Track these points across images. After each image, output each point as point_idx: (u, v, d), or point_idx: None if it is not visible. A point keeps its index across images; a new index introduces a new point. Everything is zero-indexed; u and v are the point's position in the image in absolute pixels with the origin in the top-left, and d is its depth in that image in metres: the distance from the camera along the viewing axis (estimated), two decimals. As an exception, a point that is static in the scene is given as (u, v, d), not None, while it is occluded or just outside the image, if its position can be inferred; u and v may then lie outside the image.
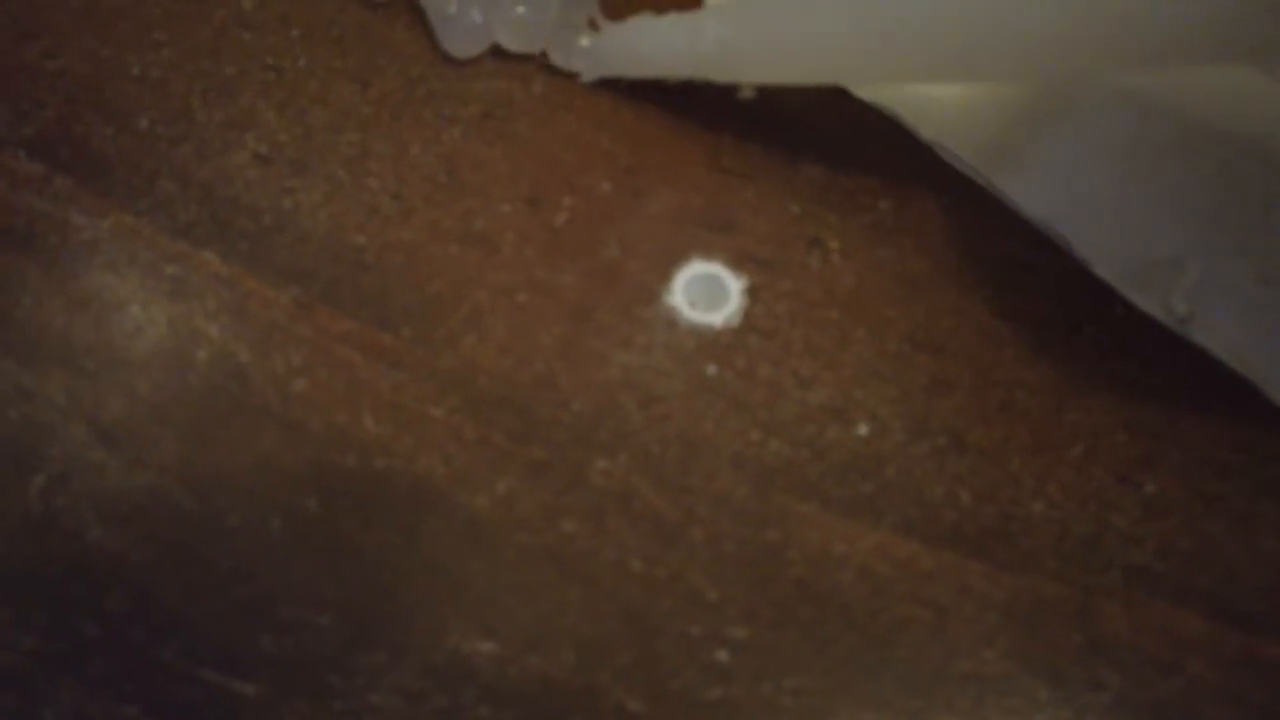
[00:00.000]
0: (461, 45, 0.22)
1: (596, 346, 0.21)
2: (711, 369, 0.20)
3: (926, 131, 0.21)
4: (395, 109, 0.22)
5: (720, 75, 0.22)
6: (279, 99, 0.23)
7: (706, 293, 0.21)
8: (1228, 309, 0.21)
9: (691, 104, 0.22)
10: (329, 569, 0.19)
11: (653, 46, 0.22)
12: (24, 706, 0.17)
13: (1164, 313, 0.21)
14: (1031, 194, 0.21)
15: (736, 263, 0.21)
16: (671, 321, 0.21)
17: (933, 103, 0.22)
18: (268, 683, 0.18)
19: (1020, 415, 0.20)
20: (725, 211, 0.22)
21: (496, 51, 0.23)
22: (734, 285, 0.21)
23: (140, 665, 0.18)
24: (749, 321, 0.21)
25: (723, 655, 0.18)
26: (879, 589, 0.19)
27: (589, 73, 0.23)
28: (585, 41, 0.23)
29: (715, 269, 0.21)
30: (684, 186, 0.22)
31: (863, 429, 0.20)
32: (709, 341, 0.21)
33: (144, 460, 0.20)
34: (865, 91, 0.22)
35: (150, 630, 0.18)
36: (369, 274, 0.21)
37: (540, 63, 0.23)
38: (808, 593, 0.19)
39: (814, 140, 0.22)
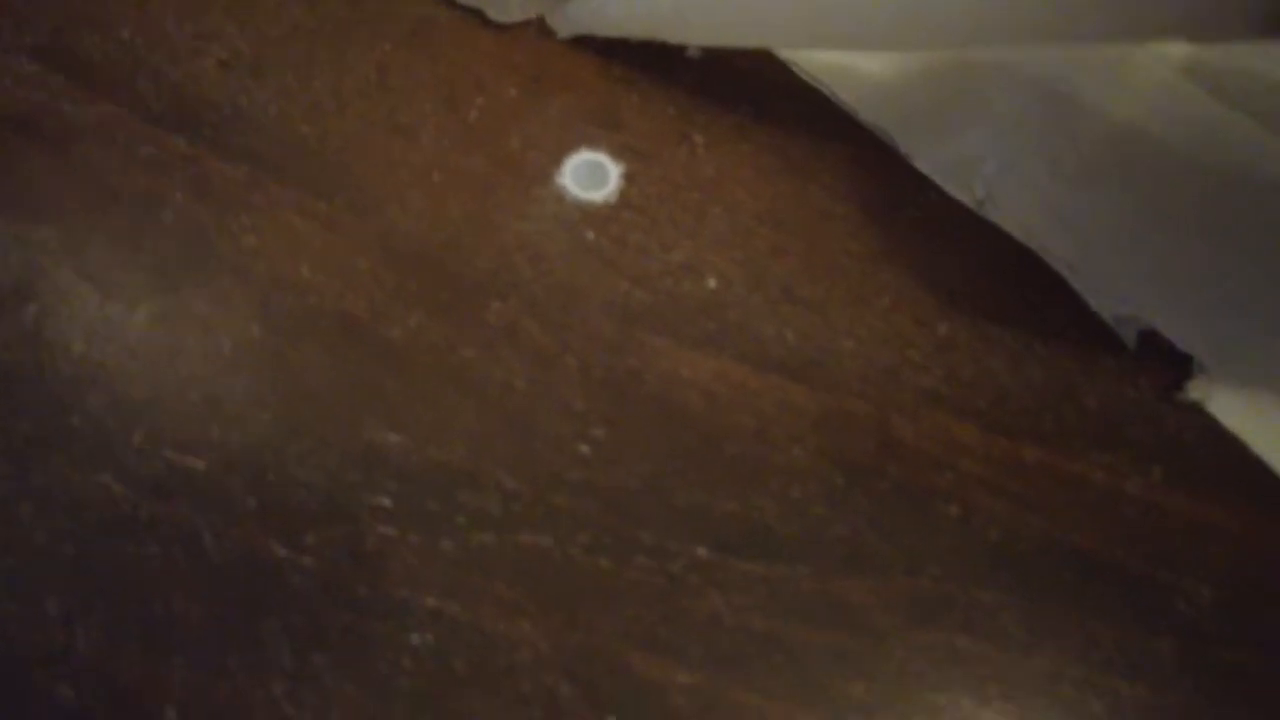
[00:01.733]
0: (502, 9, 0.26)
1: (497, 217, 0.25)
2: (590, 235, 0.25)
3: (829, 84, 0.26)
4: (337, 25, 0.27)
5: (672, 36, 0.26)
6: (240, 16, 0.27)
7: (591, 176, 0.26)
8: (1021, 196, 0.26)
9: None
10: (268, 380, 0.23)
11: (617, 10, 0.26)
12: (18, 475, 0.22)
13: (967, 196, 0.26)
14: (871, 106, 0.26)
15: (618, 153, 0.26)
16: (560, 199, 0.26)
17: (846, 71, 0.26)
18: (215, 461, 0.22)
19: (842, 275, 0.25)
20: (612, 112, 0.27)
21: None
22: (614, 171, 0.26)
23: (114, 447, 0.22)
24: (624, 200, 0.26)
25: (585, 449, 0.23)
26: (715, 403, 0.23)
27: (563, 30, 0.27)
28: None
29: (600, 157, 0.26)
30: (579, 92, 0.27)
31: (712, 283, 0.25)
32: (590, 214, 0.25)
33: (116, 296, 0.24)
34: (791, 57, 0.26)
35: (122, 421, 0.23)
36: (311, 156, 0.26)
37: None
38: (657, 405, 0.23)
39: (692, 58, 0.27)
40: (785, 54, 0.27)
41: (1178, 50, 0.26)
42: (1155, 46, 0.25)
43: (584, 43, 0.27)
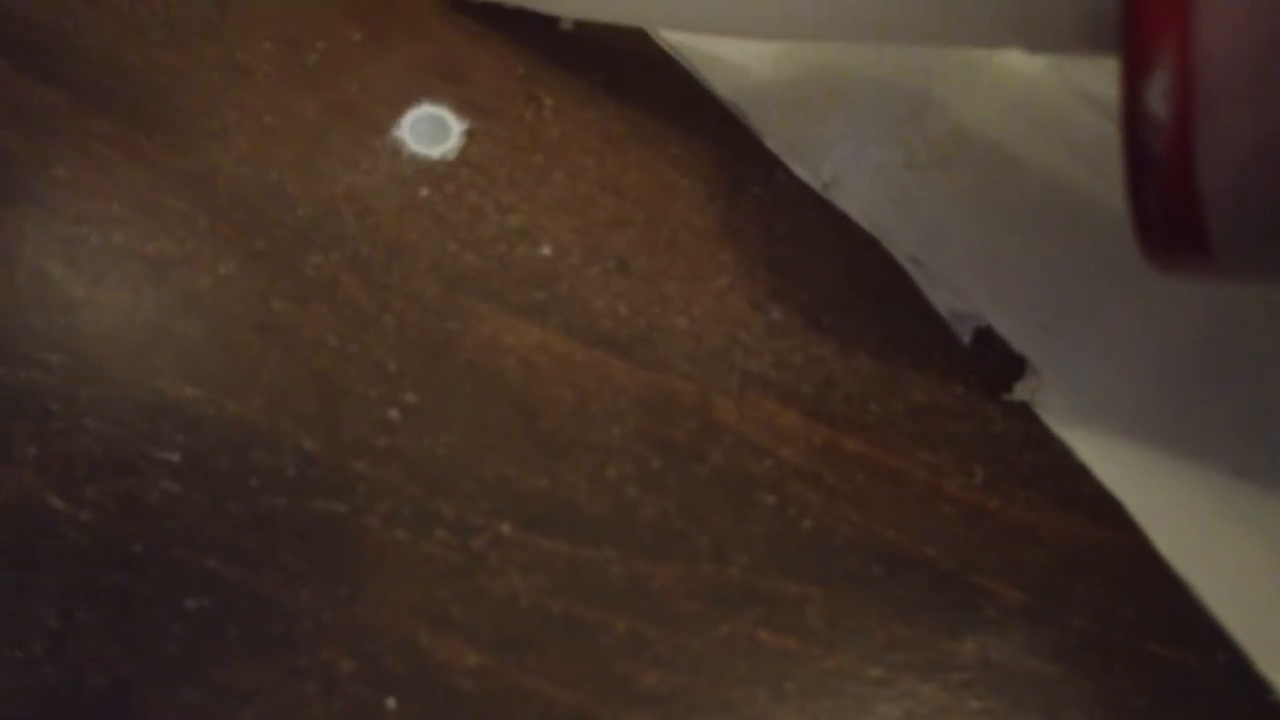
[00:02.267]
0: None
1: (326, 165, 0.24)
2: (424, 191, 0.24)
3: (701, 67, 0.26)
4: (178, -47, 0.26)
5: (544, 7, 0.25)
6: (75, -65, 0.26)
7: (430, 130, 0.25)
8: (870, 183, 0.25)
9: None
10: (63, 320, 0.22)
11: None
12: None
13: (814, 178, 0.25)
14: (727, 82, 0.25)
15: (460, 108, 0.25)
16: (396, 151, 0.24)
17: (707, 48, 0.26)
18: (-7, 403, 0.21)
19: (681, 251, 0.24)
20: (458, 66, 0.26)
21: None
22: (456, 126, 0.25)
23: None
24: (464, 157, 0.25)
25: (394, 414, 0.22)
26: (535, 374, 0.23)
27: None
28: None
29: (441, 111, 0.25)
30: (425, 42, 0.26)
31: (546, 250, 0.24)
32: (426, 170, 0.24)
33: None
34: (674, 44, 0.26)
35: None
36: (134, 88, 0.24)
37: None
38: (474, 372, 0.22)
39: (546, 17, 0.26)
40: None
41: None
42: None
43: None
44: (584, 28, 0.25)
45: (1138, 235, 0.18)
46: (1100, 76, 0.25)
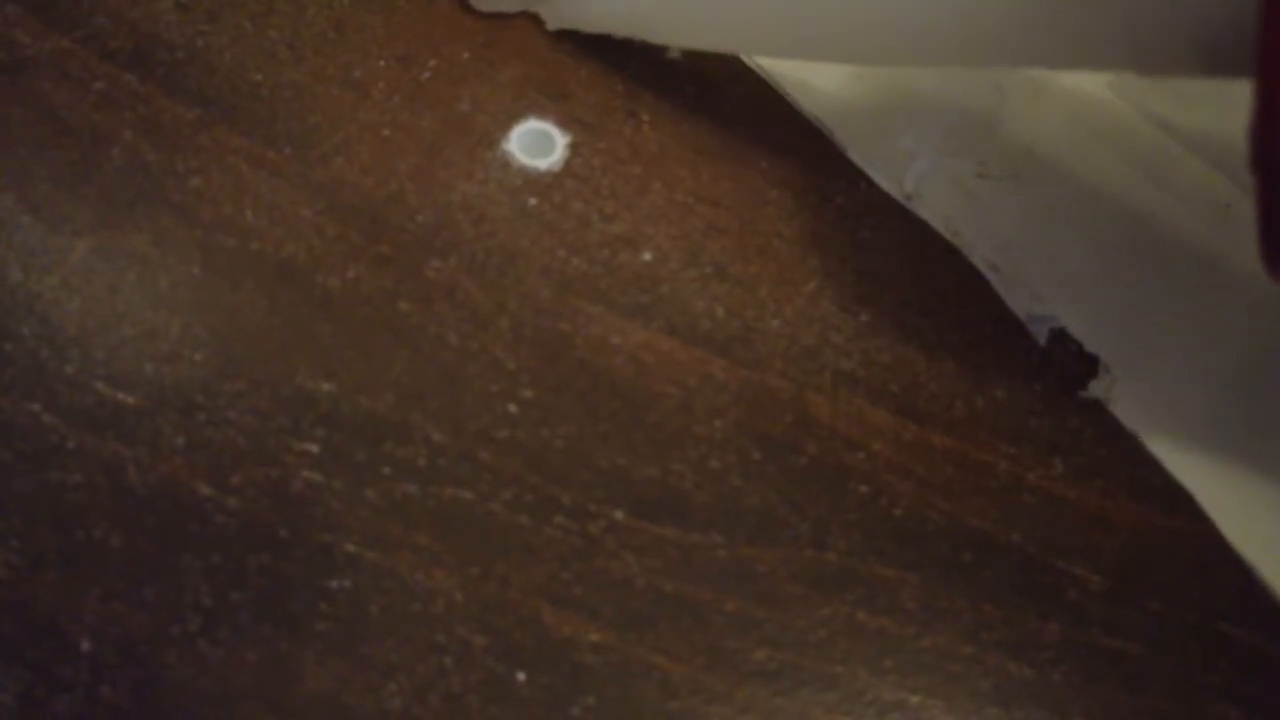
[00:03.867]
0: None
1: (442, 176, 0.26)
2: (533, 201, 0.26)
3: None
4: (297, -24, 0.27)
5: (652, 37, 0.27)
6: (200, -41, 0.27)
7: (537, 144, 0.27)
8: (948, 194, 0.27)
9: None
10: (204, 321, 0.24)
11: (600, 8, 0.27)
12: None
13: (896, 190, 0.26)
14: (812, 99, 0.27)
15: (565, 123, 0.27)
16: (506, 164, 0.26)
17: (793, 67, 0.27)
18: (147, 397, 0.23)
19: (772, 256, 0.26)
20: (562, 83, 0.27)
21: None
22: (560, 140, 0.27)
23: (45, 376, 0.23)
24: (568, 169, 0.26)
25: (513, 408, 0.24)
26: (642, 371, 0.24)
27: (551, 23, 0.27)
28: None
29: (547, 126, 0.27)
30: (531, 61, 0.27)
31: (647, 255, 0.25)
32: (534, 181, 0.26)
33: (57, 228, 0.24)
34: (764, 65, 0.27)
35: (55, 352, 0.23)
36: (262, 104, 0.26)
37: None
38: (586, 369, 0.24)
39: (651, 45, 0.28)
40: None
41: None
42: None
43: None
44: (684, 53, 0.27)
45: (1266, 253, 0.19)
46: (1158, 95, 0.27)
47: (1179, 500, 0.23)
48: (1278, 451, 0.24)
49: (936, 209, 0.26)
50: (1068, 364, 0.25)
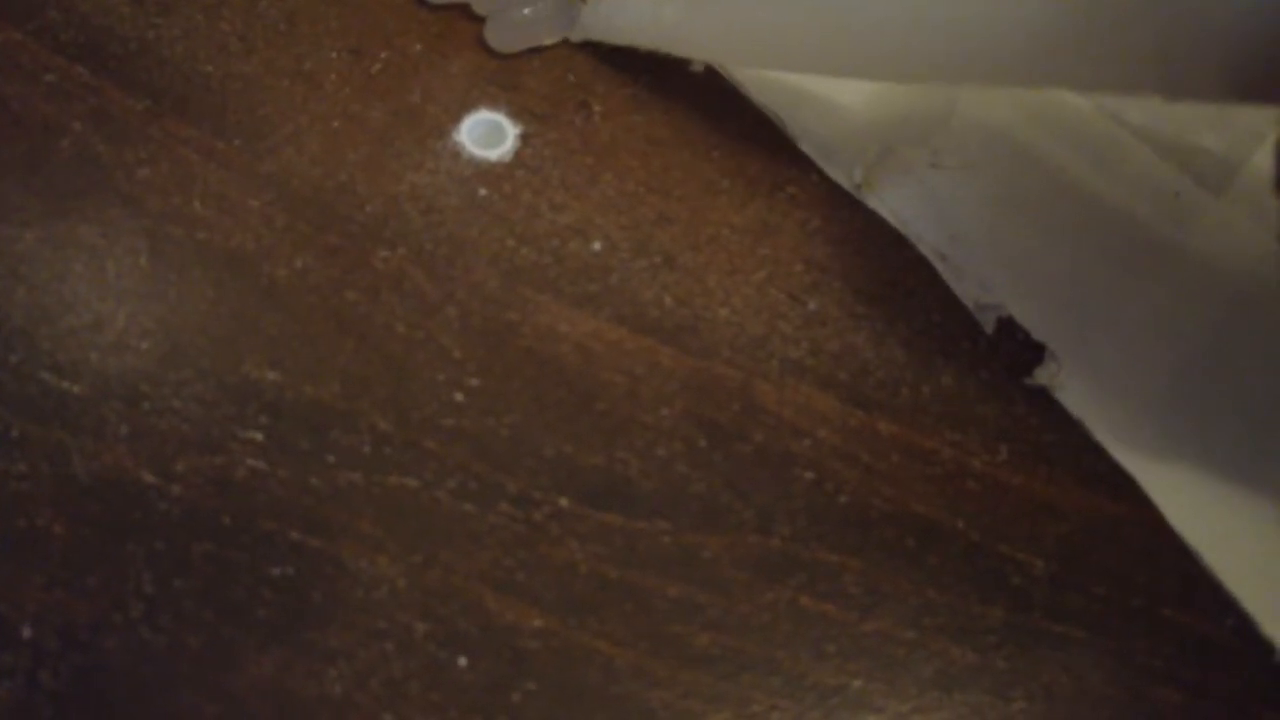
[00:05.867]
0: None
1: (392, 167, 0.26)
2: (483, 191, 0.26)
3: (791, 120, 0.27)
4: (249, -31, 0.27)
5: (676, 50, 0.26)
6: (153, -48, 0.27)
7: (488, 134, 0.27)
8: (899, 183, 0.27)
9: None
10: (151, 310, 0.24)
11: (624, 21, 0.27)
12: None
13: (846, 180, 0.27)
14: (764, 89, 0.27)
15: (516, 114, 0.27)
16: (456, 154, 0.26)
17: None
18: (91, 386, 0.23)
19: (722, 246, 0.26)
20: (513, 75, 0.27)
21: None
22: (511, 131, 0.27)
23: (-12, 363, 0.23)
24: (519, 159, 0.26)
25: (459, 396, 0.24)
26: (589, 360, 0.24)
27: (575, 35, 0.27)
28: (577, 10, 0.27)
29: (498, 117, 0.27)
30: (482, 52, 0.28)
31: (597, 245, 0.26)
32: (484, 171, 0.26)
33: (9, 218, 0.24)
34: (761, 97, 0.27)
35: (1, 341, 0.23)
36: (212, 95, 0.26)
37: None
38: (533, 358, 0.24)
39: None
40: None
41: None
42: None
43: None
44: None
45: None
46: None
47: (1123, 486, 0.24)
48: (1222, 438, 0.24)
49: (887, 199, 0.26)
50: (1014, 352, 0.25)
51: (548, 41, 0.27)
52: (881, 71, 0.25)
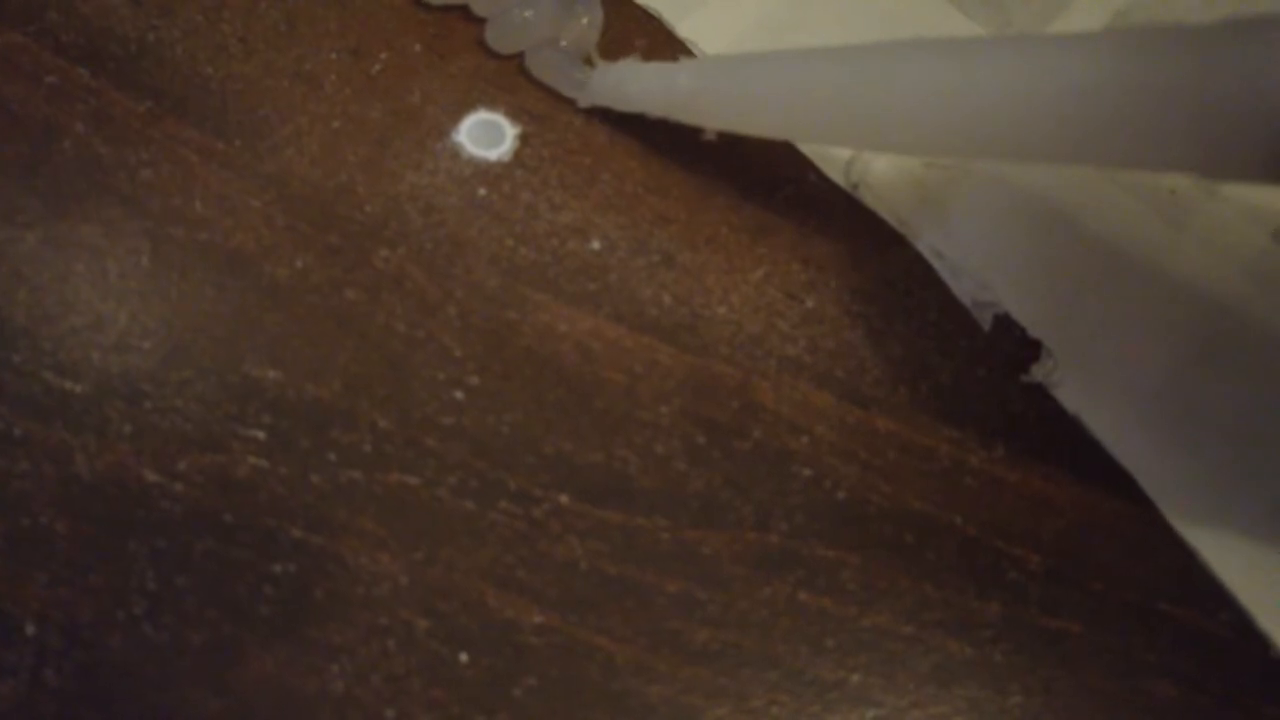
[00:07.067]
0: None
1: (392, 167, 0.26)
2: (482, 191, 0.26)
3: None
4: (249, -30, 0.28)
5: (688, 118, 0.26)
6: (153, -46, 0.28)
7: (486, 134, 0.27)
8: (894, 183, 0.27)
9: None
10: (153, 310, 0.24)
11: (635, 88, 0.26)
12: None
13: (843, 179, 0.27)
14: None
15: (515, 114, 0.27)
16: (455, 154, 0.26)
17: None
18: (94, 385, 0.23)
19: (720, 246, 0.26)
20: (513, 75, 0.28)
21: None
22: (510, 131, 0.27)
23: (-9, 362, 0.23)
24: (518, 159, 0.27)
25: (459, 394, 0.24)
26: (588, 358, 0.24)
27: (582, 101, 0.27)
28: (580, 75, 0.27)
29: (496, 117, 0.27)
30: (481, 53, 0.28)
31: (596, 244, 0.26)
32: (483, 171, 0.26)
33: (10, 220, 0.24)
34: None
35: (3, 341, 0.23)
36: (212, 97, 0.26)
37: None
38: (532, 356, 0.24)
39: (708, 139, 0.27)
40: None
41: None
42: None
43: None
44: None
45: None
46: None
47: (1120, 482, 0.24)
48: (1218, 433, 0.24)
49: (884, 199, 0.26)
50: (1011, 349, 0.25)
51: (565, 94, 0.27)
52: (909, 147, 0.24)
